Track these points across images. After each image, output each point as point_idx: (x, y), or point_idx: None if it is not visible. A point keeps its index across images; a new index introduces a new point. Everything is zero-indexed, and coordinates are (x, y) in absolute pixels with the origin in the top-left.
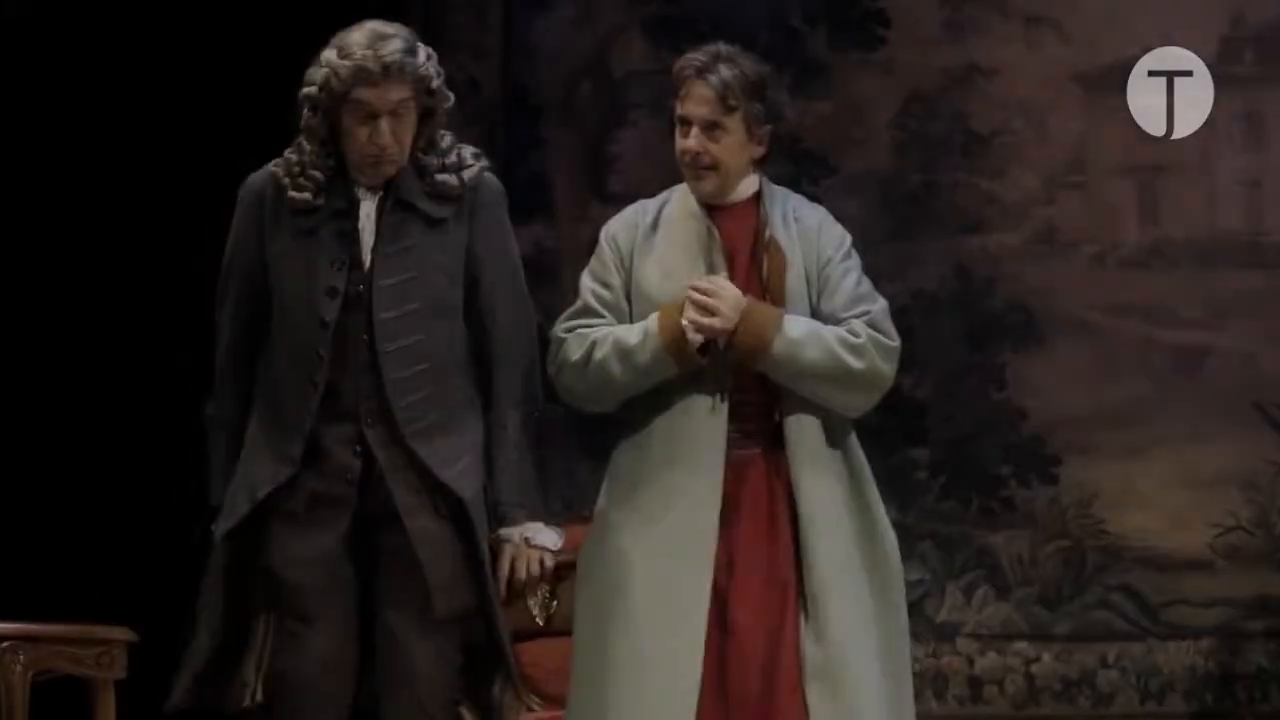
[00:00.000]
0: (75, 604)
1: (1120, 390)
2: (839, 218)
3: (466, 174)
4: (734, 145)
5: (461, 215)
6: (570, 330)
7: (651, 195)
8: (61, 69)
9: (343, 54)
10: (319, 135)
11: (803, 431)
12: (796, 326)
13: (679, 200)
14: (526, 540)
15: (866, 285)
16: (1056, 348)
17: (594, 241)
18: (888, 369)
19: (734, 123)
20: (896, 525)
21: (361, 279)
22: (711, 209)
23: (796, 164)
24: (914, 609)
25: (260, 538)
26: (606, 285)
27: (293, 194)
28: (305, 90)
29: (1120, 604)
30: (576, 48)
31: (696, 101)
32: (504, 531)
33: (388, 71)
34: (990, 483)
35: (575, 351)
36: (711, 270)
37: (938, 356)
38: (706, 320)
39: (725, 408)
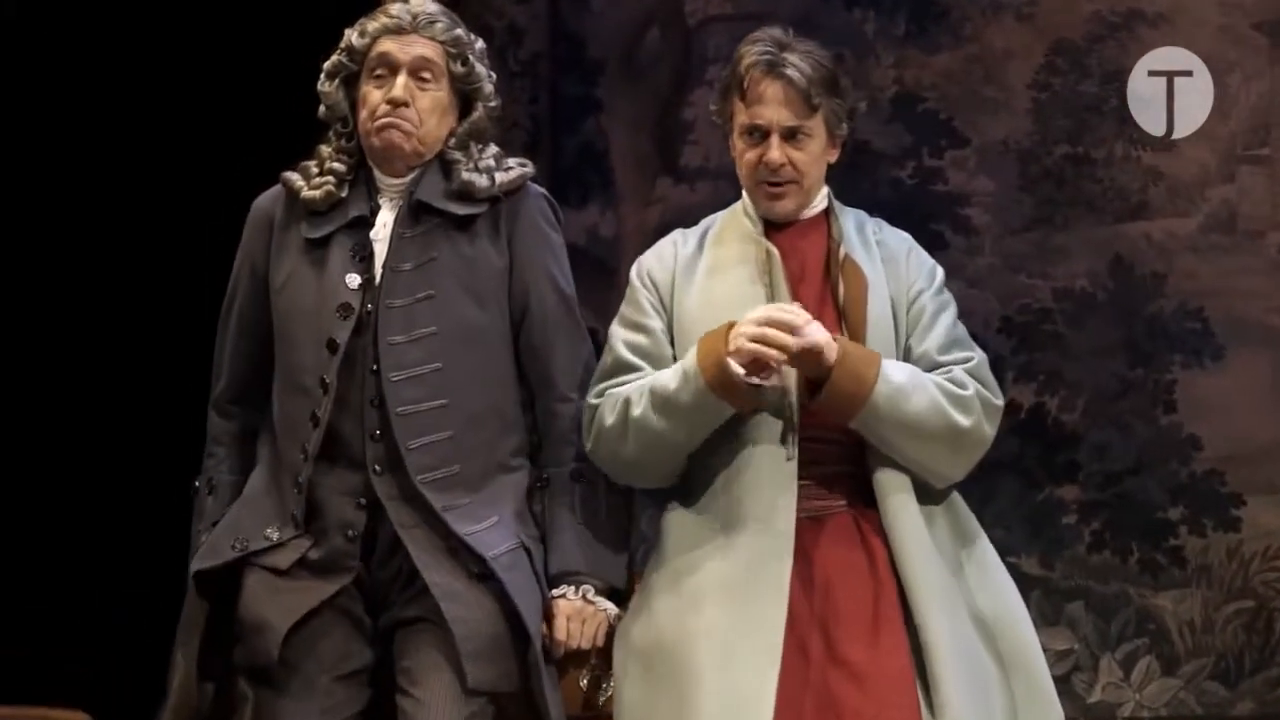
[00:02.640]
0: (25, 683)
1: None
2: (968, 198)
3: (500, 176)
4: (817, 152)
5: (497, 230)
6: (601, 395)
7: (733, 167)
8: (75, 75)
9: (374, 15)
10: (338, 111)
11: (897, 481)
12: (898, 371)
13: (726, 221)
14: (585, 597)
15: (963, 329)
16: (1236, 361)
17: (663, 229)
18: (990, 431)
19: (816, 125)
20: (1040, 581)
21: (373, 298)
22: (769, 227)
23: (914, 132)
24: (1060, 685)
25: (236, 591)
26: (643, 330)
27: (309, 194)
28: (328, 63)
29: None
30: None
31: (774, 104)
32: (560, 589)
33: (416, 21)
34: (1155, 529)
35: (609, 415)
36: (772, 299)
37: (1090, 372)
38: (760, 348)
39: (796, 452)
